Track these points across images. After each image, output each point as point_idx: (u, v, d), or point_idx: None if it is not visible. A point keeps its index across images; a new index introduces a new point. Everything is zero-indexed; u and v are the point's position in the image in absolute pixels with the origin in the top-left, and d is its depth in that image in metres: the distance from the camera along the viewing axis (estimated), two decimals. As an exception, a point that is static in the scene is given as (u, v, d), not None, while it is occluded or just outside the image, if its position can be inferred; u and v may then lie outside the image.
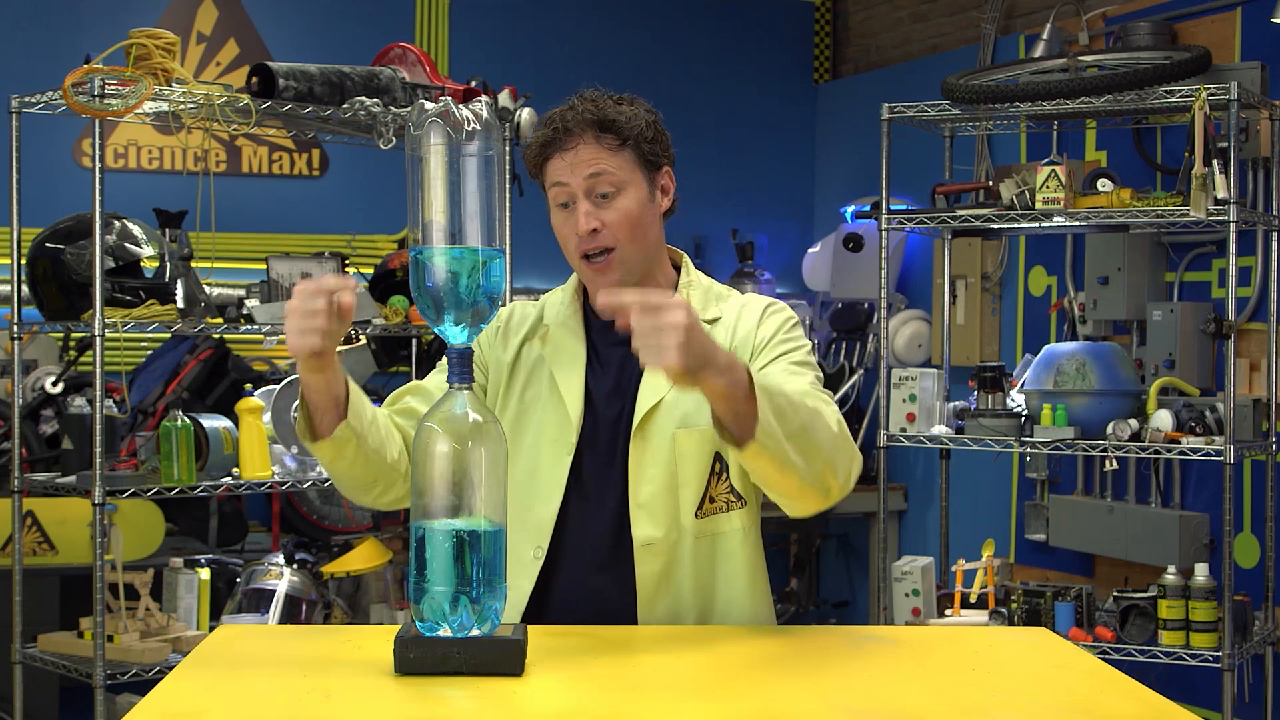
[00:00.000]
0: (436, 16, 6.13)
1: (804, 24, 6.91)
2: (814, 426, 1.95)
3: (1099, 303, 4.85)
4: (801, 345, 2.22)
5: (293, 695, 1.72)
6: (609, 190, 2.17)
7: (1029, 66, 4.48)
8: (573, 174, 2.16)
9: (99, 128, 3.65)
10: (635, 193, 2.18)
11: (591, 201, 2.16)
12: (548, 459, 2.21)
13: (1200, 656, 3.90)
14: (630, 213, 2.17)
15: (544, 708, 1.70)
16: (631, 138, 2.17)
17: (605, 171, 2.16)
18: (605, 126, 2.16)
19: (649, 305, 1.78)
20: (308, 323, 1.85)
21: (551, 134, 2.17)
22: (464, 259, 1.80)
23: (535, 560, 2.19)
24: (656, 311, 1.77)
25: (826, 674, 1.87)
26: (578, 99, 2.20)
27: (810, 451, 1.94)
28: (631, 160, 2.18)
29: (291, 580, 4.04)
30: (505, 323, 2.33)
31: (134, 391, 4.78)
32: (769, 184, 6.72)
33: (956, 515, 4.94)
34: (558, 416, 2.21)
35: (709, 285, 2.31)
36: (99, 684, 3.62)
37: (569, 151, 2.16)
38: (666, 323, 1.76)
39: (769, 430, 1.86)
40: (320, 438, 2.01)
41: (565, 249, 2.22)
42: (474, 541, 1.78)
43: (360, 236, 5.48)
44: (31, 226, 3.93)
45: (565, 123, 2.16)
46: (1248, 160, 4.33)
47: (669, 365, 1.77)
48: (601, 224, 2.16)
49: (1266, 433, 4.16)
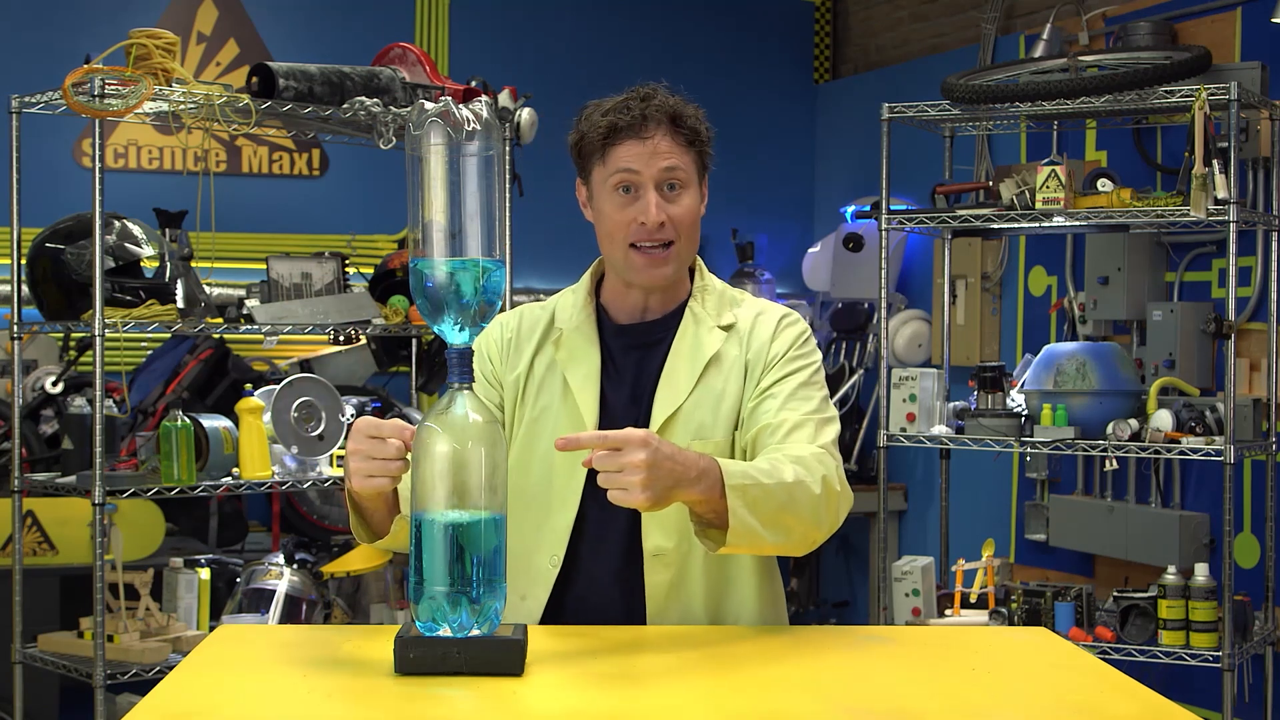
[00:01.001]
0: (436, 16, 6.13)
1: (804, 24, 6.91)
2: (792, 503, 2.01)
3: (1099, 303, 4.85)
4: (811, 363, 2.23)
5: (293, 695, 1.72)
6: (677, 185, 2.18)
7: (1029, 66, 4.47)
8: (648, 163, 2.16)
9: (99, 128, 3.65)
10: (694, 193, 2.21)
11: (661, 193, 2.17)
12: (563, 467, 2.19)
13: (1200, 656, 3.90)
14: (692, 210, 2.20)
15: (544, 708, 1.70)
16: (698, 140, 2.20)
17: (678, 166, 2.18)
18: (679, 123, 2.18)
19: (609, 445, 1.83)
20: (375, 466, 1.88)
21: (629, 120, 2.16)
22: (464, 270, 1.80)
23: (552, 569, 2.19)
24: (617, 453, 1.83)
25: (826, 674, 1.87)
26: (650, 89, 2.19)
27: (789, 528, 2.01)
28: (694, 161, 2.21)
29: (291, 580, 4.03)
30: (516, 332, 2.30)
31: (134, 391, 4.78)
32: (769, 184, 6.72)
33: (956, 515, 4.94)
34: (573, 425, 2.20)
35: (722, 290, 2.31)
36: (99, 684, 3.62)
37: (646, 140, 2.16)
38: (628, 463, 1.82)
39: (744, 528, 1.94)
40: (380, 536, 2.07)
41: (612, 235, 2.20)
42: (473, 542, 1.78)
43: (360, 236, 5.48)
44: (31, 226, 3.93)
45: (644, 111, 2.16)
46: (1248, 160, 4.33)
47: (636, 503, 1.84)
48: (668, 217, 2.17)
49: (1266, 433, 4.16)
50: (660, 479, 1.84)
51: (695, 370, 2.20)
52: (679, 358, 2.21)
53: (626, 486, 1.83)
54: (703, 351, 2.21)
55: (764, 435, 2.15)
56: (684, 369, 2.20)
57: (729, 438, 2.18)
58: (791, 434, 2.13)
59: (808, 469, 2.04)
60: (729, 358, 2.22)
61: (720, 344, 2.22)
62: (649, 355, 2.24)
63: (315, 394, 4.05)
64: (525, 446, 2.23)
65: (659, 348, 2.24)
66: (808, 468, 2.04)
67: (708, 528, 1.99)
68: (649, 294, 2.24)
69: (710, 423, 2.18)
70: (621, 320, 2.28)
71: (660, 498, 1.86)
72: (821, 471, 2.05)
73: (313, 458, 4.07)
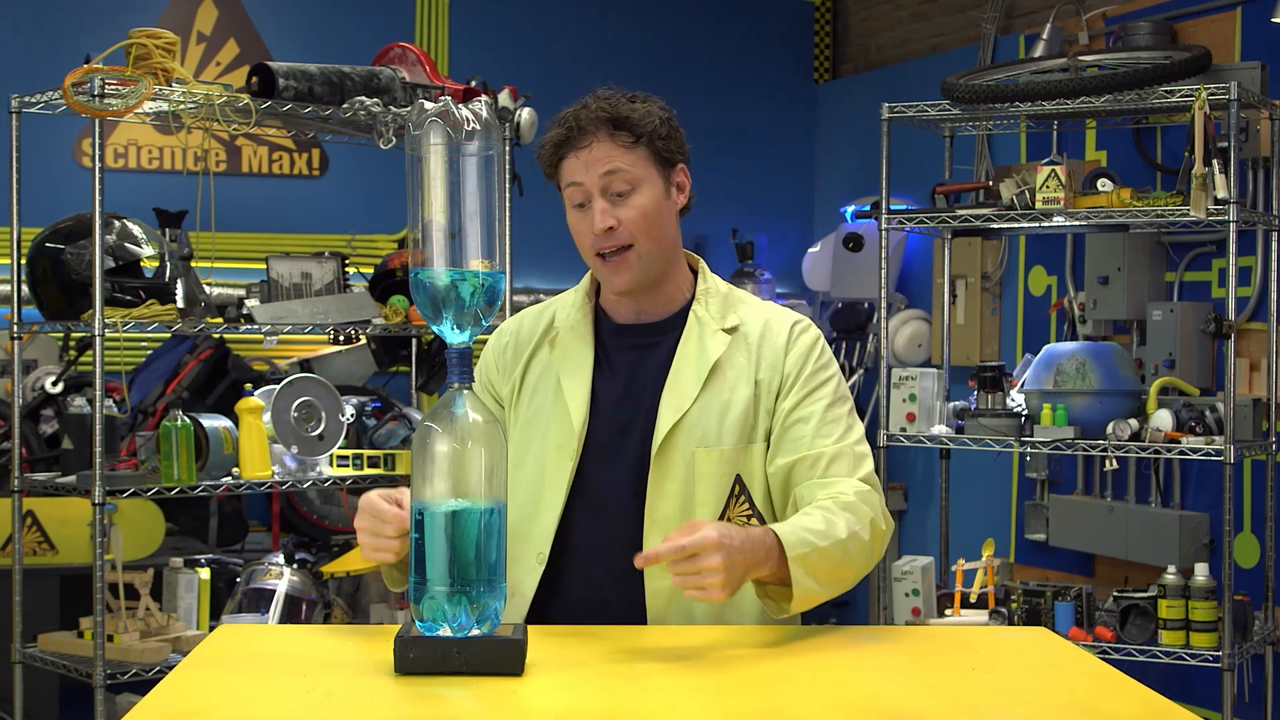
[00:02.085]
0: (436, 16, 6.13)
1: (804, 24, 6.90)
2: (847, 558, 2.06)
3: (1099, 303, 4.85)
4: (832, 375, 2.24)
5: (293, 695, 1.72)
6: (624, 188, 2.16)
7: (1029, 66, 4.47)
8: (587, 172, 2.15)
9: (99, 128, 3.65)
10: (650, 190, 2.18)
11: (607, 199, 2.16)
12: (552, 465, 2.20)
13: (1200, 656, 3.90)
14: (646, 210, 2.17)
15: (544, 708, 1.70)
16: (645, 135, 2.17)
17: (620, 169, 2.15)
18: (618, 124, 2.16)
19: (684, 554, 1.87)
20: (380, 542, 1.99)
21: (565, 133, 2.16)
22: (464, 281, 1.80)
23: (538, 566, 2.18)
24: (694, 559, 1.87)
25: (826, 674, 1.86)
26: (591, 98, 2.19)
27: (845, 580, 2.08)
28: (646, 157, 2.18)
29: (291, 580, 4.03)
30: (514, 338, 2.31)
31: (134, 391, 4.78)
32: (769, 184, 6.72)
33: (956, 515, 4.94)
34: (561, 423, 2.21)
35: (726, 291, 2.30)
36: (99, 684, 3.62)
37: (583, 150, 2.15)
38: (706, 567, 1.87)
39: (806, 594, 2.01)
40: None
41: (581, 247, 2.21)
42: (473, 542, 1.78)
43: (360, 236, 5.48)
44: (31, 226, 3.93)
45: (579, 121, 2.15)
46: (1248, 160, 4.33)
47: (716, 600, 1.92)
48: (618, 221, 2.16)
49: (1266, 433, 4.16)
50: (735, 577, 1.91)
51: (700, 376, 2.19)
52: (684, 363, 2.21)
53: (706, 588, 1.88)
54: (707, 356, 2.20)
55: (802, 468, 2.16)
56: (689, 375, 2.20)
57: (735, 447, 2.17)
58: (831, 467, 2.16)
59: (858, 516, 2.09)
60: (735, 365, 2.21)
61: (724, 348, 2.21)
62: (646, 356, 2.24)
63: (315, 394, 4.05)
64: (519, 444, 2.24)
65: (657, 349, 2.24)
66: (858, 515, 2.09)
67: (765, 585, 2.04)
68: (639, 299, 2.24)
69: (715, 431, 2.17)
70: (619, 321, 2.28)
71: (737, 589, 1.93)
72: (870, 515, 2.11)
73: (313, 458, 4.07)
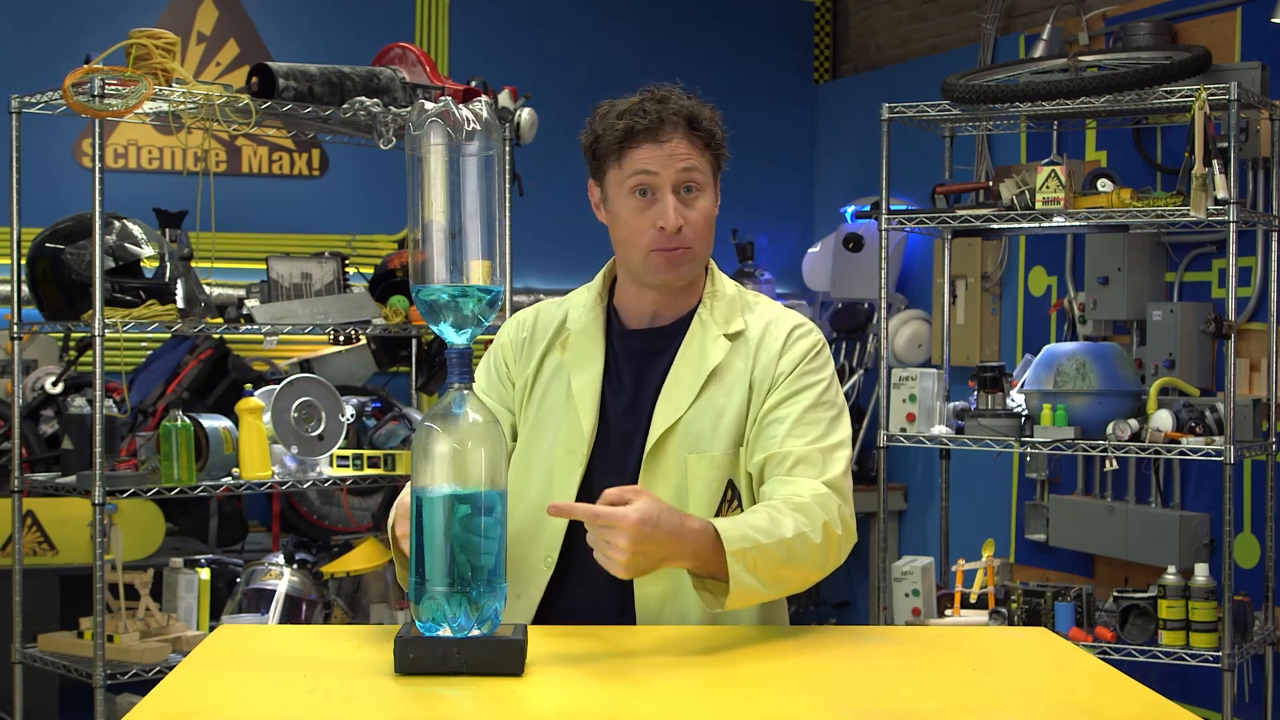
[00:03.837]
0: (436, 16, 6.13)
1: (804, 24, 6.91)
2: (792, 559, 2.00)
3: (1099, 303, 4.85)
4: (820, 380, 2.20)
5: (293, 695, 1.72)
6: (694, 188, 2.16)
7: (1029, 66, 4.47)
8: (666, 165, 2.14)
9: (99, 128, 3.65)
10: (711, 195, 2.20)
11: (677, 196, 2.15)
12: (561, 469, 2.20)
13: (1200, 656, 3.90)
14: (707, 214, 2.19)
15: (544, 708, 1.70)
16: (714, 142, 2.19)
17: (695, 168, 2.16)
18: (696, 125, 2.16)
19: (598, 520, 1.86)
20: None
21: (646, 123, 2.14)
22: (466, 297, 1.81)
23: (546, 569, 2.18)
24: (607, 529, 1.86)
25: (826, 674, 1.86)
26: (661, 91, 2.17)
27: (789, 581, 2.03)
28: (709, 163, 2.19)
29: (291, 580, 4.04)
30: (531, 331, 2.30)
31: (134, 391, 4.78)
32: (769, 184, 6.71)
33: (956, 515, 4.94)
34: (572, 428, 2.20)
35: (734, 295, 2.27)
36: (99, 684, 3.62)
37: (664, 143, 2.14)
38: (614, 543, 1.85)
39: (744, 590, 1.96)
40: None
41: (630, 239, 2.17)
42: (473, 542, 1.78)
43: (360, 236, 5.48)
44: (31, 226, 3.93)
45: (661, 114, 2.14)
46: (1248, 160, 4.33)
47: (615, 574, 1.88)
48: (685, 221, 2.15)
49: (1266, 433, 4.16)
50: (640, 563, 1.88)
51: (698, 382, 2.18)
52: (683, 368, 2.20)
53: (609, 558, 1.87)
54: (706, 362, 2.19)
55: (770, 465, 2.14)
56: (687, 380, 2.19)
57: (728, 453, 2.16)
58: (796, 467, 2.11)
59: (809, 517, 2.03)
60: (734, 370, 2.20)
61: (724, 354, 2.19)
62: (652, 364, 2.22)
63: (315, 394, 4.05)
64: (529, 445, 2.23)
65: (663, 355, 2.22)
66: (809, 516, 2.03)
67: (705, 578, 1.99)
68: (661, 297, 2.22)
69: (709, 436, 2.16)
70: (631, 324, 2.26)
71: (642, 573, 1.91)
72: (823, 518, 2.04)
73: (313, 458, 4.07)
